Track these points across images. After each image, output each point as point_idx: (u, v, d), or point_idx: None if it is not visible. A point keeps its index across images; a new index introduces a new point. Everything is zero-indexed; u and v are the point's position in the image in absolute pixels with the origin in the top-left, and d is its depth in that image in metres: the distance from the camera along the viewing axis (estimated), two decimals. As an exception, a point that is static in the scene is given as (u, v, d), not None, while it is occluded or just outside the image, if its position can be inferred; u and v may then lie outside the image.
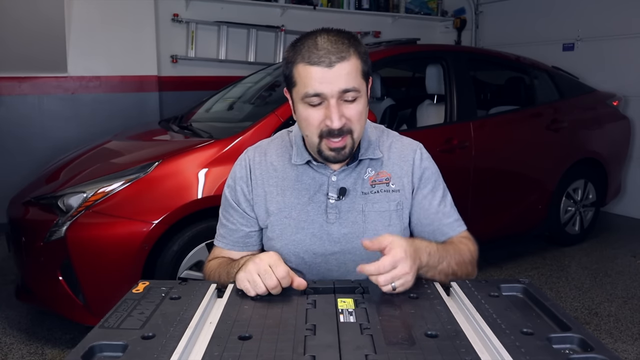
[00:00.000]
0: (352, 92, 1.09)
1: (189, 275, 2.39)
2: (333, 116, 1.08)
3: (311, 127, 1.12)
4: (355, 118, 1.11)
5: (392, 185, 1.24)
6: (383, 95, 3.59)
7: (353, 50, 1.10)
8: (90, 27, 4.06)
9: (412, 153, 1.27)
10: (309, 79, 1.08)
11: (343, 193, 1.21)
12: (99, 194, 2.29)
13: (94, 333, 0.83)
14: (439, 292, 1.02)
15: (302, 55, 1.09)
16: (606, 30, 4.47)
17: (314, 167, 1.23)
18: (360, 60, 1.11)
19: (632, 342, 2.52)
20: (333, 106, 1.08)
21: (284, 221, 1.23)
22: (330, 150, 1.13)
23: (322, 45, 1.08)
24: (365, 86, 1.14)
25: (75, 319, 2.34)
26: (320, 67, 1.07)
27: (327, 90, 1.08)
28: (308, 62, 1.08)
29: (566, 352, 0.78)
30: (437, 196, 1.26)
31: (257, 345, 0.80)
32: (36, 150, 3.92)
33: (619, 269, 3.44)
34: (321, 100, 1.10)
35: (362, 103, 1.13)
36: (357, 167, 1.23)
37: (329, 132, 1.11)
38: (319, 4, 5.05)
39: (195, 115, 3.27)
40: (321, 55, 1.07)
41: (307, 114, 1.12)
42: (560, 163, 3.58)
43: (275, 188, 1.24)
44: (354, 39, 1.12)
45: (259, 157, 1.27)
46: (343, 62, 1.07)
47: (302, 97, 1.11)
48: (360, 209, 1.22)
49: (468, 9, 5.68)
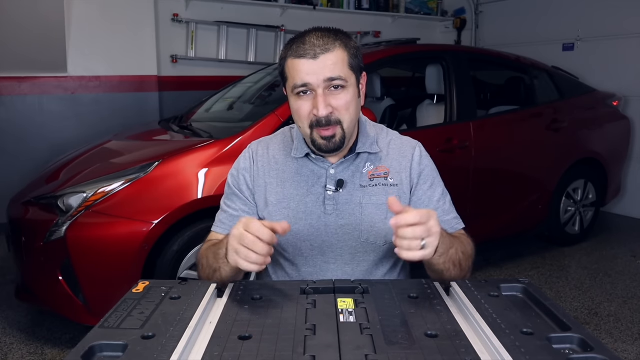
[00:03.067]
0: (338, 80, 1.14)
1: (189, 275, 2.39)
2: (320, 105, 1.13)
3: (302, 119, 1.18)
4: (342, 107, 1.16)
5: (390, 179, 1.26)
6: (383, 95, 3.58)
7: (339, 43, 1.15)
8: (90, 27, 4.06)
9: (411, 150, 1.29)
10: (297, 71, 1.14)
11: (341, 185, 1.24)
12: (99, 194, 2.29)
13: (94, 333, 0.83)
14: (439, 292, 1.02)
15: (292, 50, 1.16)
16: (606, 30, 4.47)
17: (312, 160, 1.26)
18: (346, 52, 1.16)
19: (632, 342, 2.52)
20: (320, 95, 1.14)
21: (282, 212, 1.25)
22: (322, 139, 1.17)
23: (308, 40, 1.15)
24: (355, 79, 1.19)
25: (75, 319, 2.34)
26: (306, 59, 1.13)
27: (313, 80, 1.13)
28: (296, 56, 1.14)
29: (566, 352, 0.78)
30: (437, 193, 1.28)
31: (257, 345, 0.80)
32: (36, 151, 3.92)
33: (619, 269, 3.44)
34: (309, 90, 1.15)
35: (350, 93, 1.17)
36: (356, 161, 1.26)
37: (317, 122, 1.15)
38: (319, 4, 5.05)
39: (195, 115, 3.26)
40: (307, 49, 1.13)
41: (298, 105, 1.17)
42: (560, 163, 3.58)
43: (276, 180, 1.27)
44: (342, 34, 1.18)
45: (262, 150, 1.31)
46: (327, 54, 1.13)
47: (292, 90, 1.17)
48: (357, 201, 1.24)
49: (468, 9, 5.68)
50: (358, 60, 1.18)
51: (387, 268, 1.30)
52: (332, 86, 1.14)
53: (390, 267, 1.30)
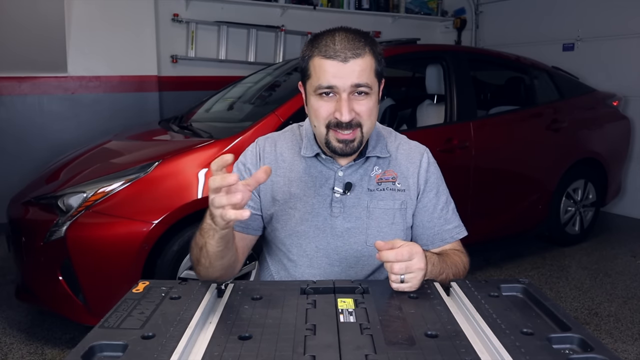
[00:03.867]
0: (364, 87, 1.12)
1: (189, 275, 2.39)
2: (343, 109, 1.11)
3: (320, 119, 1.15)
4: (365, 113, 1.14)
5: (398, 184, 1.26)
6: (383, 95, 3.57)
7: (369, 48, 1.13)
8: (90, 27, 4.06)
9: (419, 156, 1.29)
10: (324, 71, 1.11)
11: (349, 188, 1.23)
12: (99, 194, 2.29)
13: (94, 333, 0.83)
14: (439, 292, 1.02)
15: (320, 49, 1.12)
16: (606, 30, 4.47)
17: (321, 161, 1.25)
18: (374, 59, 1.14)
19: (632, 342, 2.52)
20: (344, 100, 1.11)
21: (288, 212, 1.24)
22: (338, 141, 1.15)
23: (339, 41, 1.11)
24: (378, 85, 1.18)
25: (75, 319, 2.34)
26: (335, 61, 1.10)
27: (340, 83, 1.11)
28: (324, 56, 1.11)
29: (566, 352, 0.78)
30: (441, 201, 1.29)
31: (257, 345, 0.80)
32: (36, 151, 3.92)
33: (619, 269, 3.44)
34: (333, 93, 1.13)
35: (373, 100, 1.16)
36: (365, 164, 1.25)
37: (337, 124, 1.13)
38: (319, 4, 5.05)
39: (195, 115, 3.26)
40: (337, 50, 1.10)
41: (319, 105, 1.14)
42: (560, 163, 3.58)
43: (283, 178, 1.26)
44: (371, 39, 1.16)
45: (269, 147, 1.30)
46: (357, 59, 1.11)
47: (316, 89, 1.14)
48: (365, 205, 1.23)
49: (468, 9, 5.68)
50: (382, 66, 1.17)
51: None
52: (357, 92, 1.12)
53: None
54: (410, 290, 1.01)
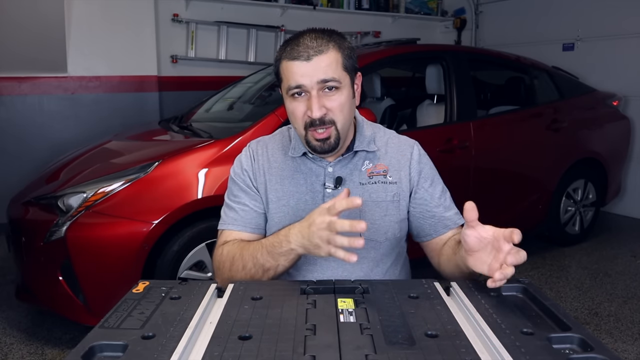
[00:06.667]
0: (332, 82, 1.15)
1: (189, 275, 2.39)
2: (313, 106, 1.14)
3: (297, 120, 1.19)
4: (336, 109, 1.17)
5: (389, 177, 1.28)
6: (383, 95, 3.58)
7: (333, 44, 1.16)
8: (90, 27, 4.06)
9: (409, 149, 1.31)
10: (291, 73, 1.15)
11: (339, 182, 1.25)
12: (99, 194, 2.29)
13: (94, 333, 0.83)
14: (439, 292, 1.02)
15: (286, 52, 1.17)
16: (606, 30, 4.47)
17: (310, 159, 1.27)
18: (340, 53, 1.17)
19: (632, 342, 2.52)
20: (314, 97, 1.15)
21: (282, 209, 1.26)
22: (316, 140, 1.18)
23: (302, 42, 1.15)
24: (349, 79, 1.20)
25: (75, 319, 2.34)
26: (299, 61, 1.14)
27: (307, 81, 1.14)
28: (289, 58, 1.15)
29: (566, 352, 0.78)
30: (437, 190, 1.31)
31: (257, 345, 0.80)
32: (36, 151, 3.92)
33: (619, 269, 3.44)
34: (304, 92, 1.16)
35: (344, 95, 1.18)
36: (353, 159, 1.27)
37: (311, 123, 1.16)
38: (319, 4, 5.05)
39: (195, 115, 3.27)
40: (300, 50, 1.14)
41: (293, 106, 1.18)
42: (560, 163, 3.58)
43: (275, 177, 1.29)
44: (336, 35, 1.19)
45: (261, 149, 1.33)
46: (321, 55, 1.14)
47: (287, 91, 1.18)
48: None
49: (468, 9, 5.68)
50: (352, 60, 1.19)
51: (388, 265, 1.30)
52: (326, 87, 1.15)
53: (390, 264, 1.31)
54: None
